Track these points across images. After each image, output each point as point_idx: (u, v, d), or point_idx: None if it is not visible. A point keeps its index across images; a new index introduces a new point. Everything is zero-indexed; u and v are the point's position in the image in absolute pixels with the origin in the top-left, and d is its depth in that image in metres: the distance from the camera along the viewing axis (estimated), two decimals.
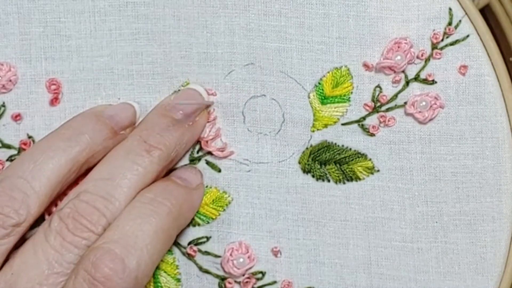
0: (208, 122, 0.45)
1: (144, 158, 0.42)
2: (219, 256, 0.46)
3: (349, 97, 0.44)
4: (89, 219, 0.40)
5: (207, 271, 0.46)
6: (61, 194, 0.43)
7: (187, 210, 0.44)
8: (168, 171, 0.45)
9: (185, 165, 0.45)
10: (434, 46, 0.43)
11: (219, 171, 0.46)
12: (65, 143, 0.42)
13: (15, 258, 0.40)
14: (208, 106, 0.45)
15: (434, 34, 0.43)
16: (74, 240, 0.40)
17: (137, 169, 0.42)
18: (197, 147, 0.45)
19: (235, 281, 0.46)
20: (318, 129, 0.45)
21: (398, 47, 0.43)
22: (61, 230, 0.40)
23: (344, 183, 0.45)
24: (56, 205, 0.43)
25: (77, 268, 0.39)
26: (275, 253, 0.46)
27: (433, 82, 0.44)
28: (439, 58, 0.43)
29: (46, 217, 0.43)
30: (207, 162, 0.45)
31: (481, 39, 0.43)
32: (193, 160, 0.45)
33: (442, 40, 0.43)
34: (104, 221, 0.40)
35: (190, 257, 0.46)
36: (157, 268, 0.46)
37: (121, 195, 0.41)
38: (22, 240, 0.41)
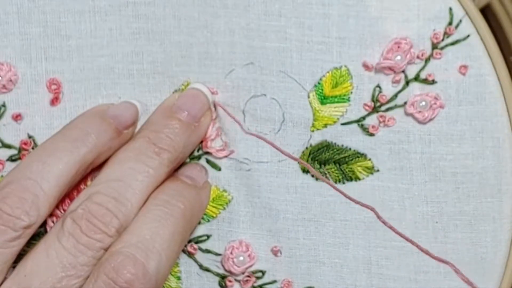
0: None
1: (154, 160, 0.42)
2: (220, 254, 0.46)
3: (349, 97, 0.44)
4: (102, 220, 0.40)
5: (207, 269, 0.46)
6: (64, 195, 0.43)
7: (198, 210, 0.44)
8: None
9: (189, 162, 0.46)
10: (434, 46, 0.43)
11: (219, 169, 0.46)
12: (72, 144, 0.42)
13: (27, 260, 0.40)
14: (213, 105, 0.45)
15: (435, 34, 0.43)
16: (87, 242, 0.40)
17: (147, 171, 0.42)
18: (198, 146, 0.45)
19: (235, 280, 0.46)
20: (317, 129, 0.45)
21: (398, 47, 0.43)
22: (74, 231, 0.40)
23: (343, 183, 0.45)
24: (57, 207, 0.43)
25: (97, 272, 0.39)
26: (275, 252, 0.46)
27: (433, 82, 0.43)
28: (439, 58, 0.43)
29: (47, 219, 0.43)
30: (208, 161, 0.46)
31: (481, 39, 0.43)
32: (193, 159, 0.46)
33: (443, 40, 0.43)
34: (117, 222, 0.40)
35: (190, 255, 0.46)
36: None
37: (133, 197, 0.41)
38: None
